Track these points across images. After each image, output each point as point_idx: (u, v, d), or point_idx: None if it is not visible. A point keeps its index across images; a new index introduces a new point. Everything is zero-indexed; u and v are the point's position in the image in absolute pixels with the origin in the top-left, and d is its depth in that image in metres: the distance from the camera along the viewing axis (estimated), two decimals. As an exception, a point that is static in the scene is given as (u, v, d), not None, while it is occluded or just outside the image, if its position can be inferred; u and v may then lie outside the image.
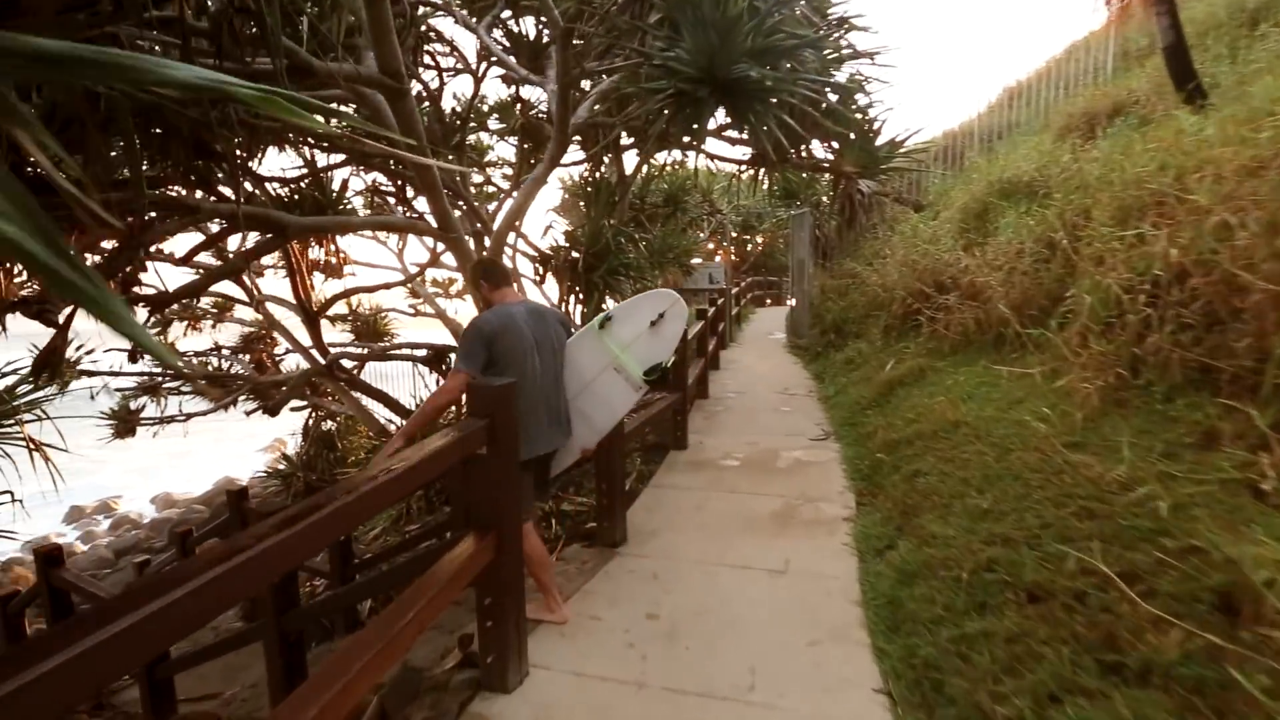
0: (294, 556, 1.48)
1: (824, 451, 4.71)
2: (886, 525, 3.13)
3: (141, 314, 3.35)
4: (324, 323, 11.02)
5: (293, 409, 9.69)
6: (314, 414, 9.86)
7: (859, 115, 5.66)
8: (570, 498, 4.45)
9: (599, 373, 2.66)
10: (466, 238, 4.07)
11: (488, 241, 4.79)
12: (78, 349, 6.96)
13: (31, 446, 5.18)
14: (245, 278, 8.21)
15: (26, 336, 6.14)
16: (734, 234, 19.69)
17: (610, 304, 6.71)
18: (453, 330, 8.36)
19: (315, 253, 7.25)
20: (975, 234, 5.58)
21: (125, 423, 8.65)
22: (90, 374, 7.06)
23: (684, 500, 3.89)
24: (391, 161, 4.63)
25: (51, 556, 3.98)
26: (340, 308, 11.00)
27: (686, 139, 6.71)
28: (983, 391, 3.71)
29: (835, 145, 6.39)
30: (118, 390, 8.15)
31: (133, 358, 6.06)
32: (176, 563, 4.67)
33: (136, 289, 4.10)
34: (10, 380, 5.21)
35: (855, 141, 5.68)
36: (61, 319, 3.64)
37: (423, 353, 5.46)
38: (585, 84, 4.98)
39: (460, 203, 4.90)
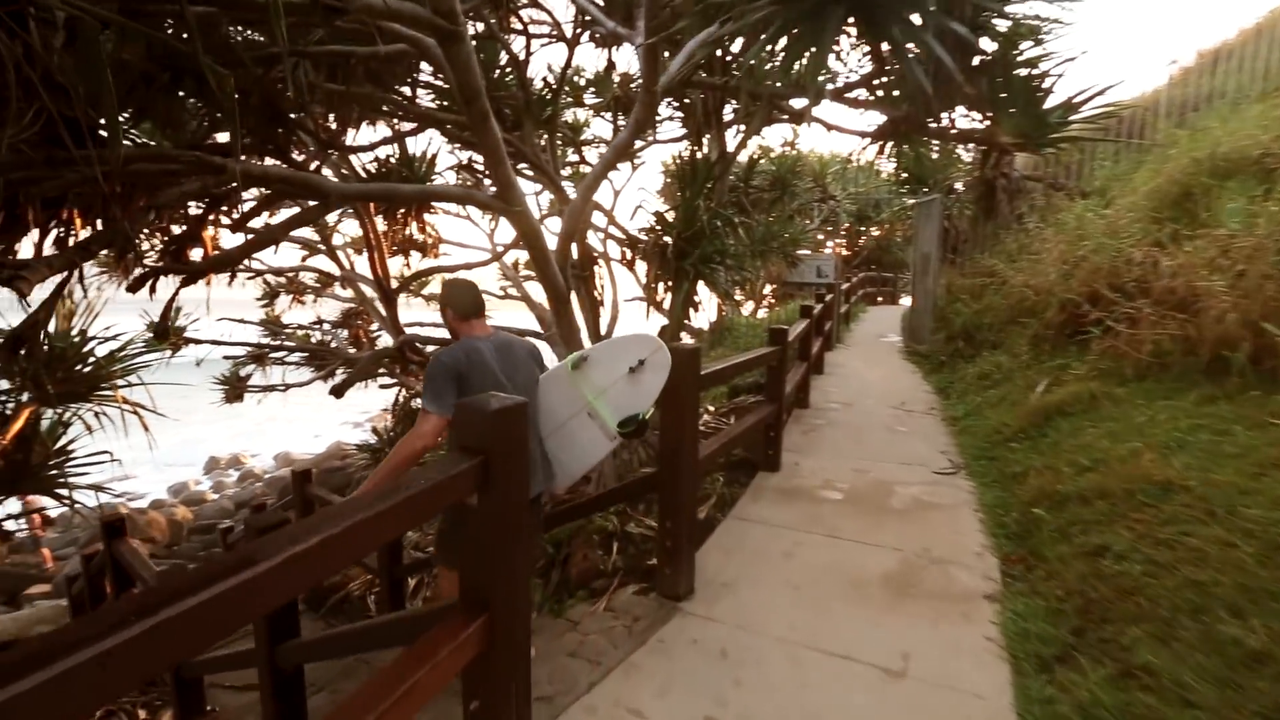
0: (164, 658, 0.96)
1: (953, 491, 3.77)
2: (1054, 621, 2.24)
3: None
4: (419, 302, 11.24)
5: (383, 386, 9.84)
6: (403, 391, 9.97)
7: (1025, 71, 4.51)
8: (639, 517, 3.85)
9: (571, 416, 2.41)
10: (533, 211, 3.52)
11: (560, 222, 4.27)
12: (185, 316, 7.27)
13: (130, 408, 5.32)
14: (341, 254, 8.30)
15: (136, 304, 6.42)
16: (847, 224, 18.16)
17: (703, 293, 6.03)
18: (537, 316, 8.00)
19: (392, 231, 7.10)
20: (1176, 224, 4.31)
21: (235, 389, 9.09)
22: (197, 341, 7.36)
23: (771, 542, 3.15)
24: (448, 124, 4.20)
25: (114, 527, 3.95)
26: (436, 287, 11.15)
27: (799, 103, 5.86)
28: (1203, 441, 2.67)
29: (985, 115, 5.26)
30: (226, 358, 8.49)
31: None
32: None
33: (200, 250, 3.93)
34: (112, 346, 5.37)
35: (1015, 105, 4.54)
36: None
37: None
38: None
39: (519, 166, 4.39)
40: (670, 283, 5.60)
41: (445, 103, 4.90)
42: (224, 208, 3.83)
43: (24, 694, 0.71)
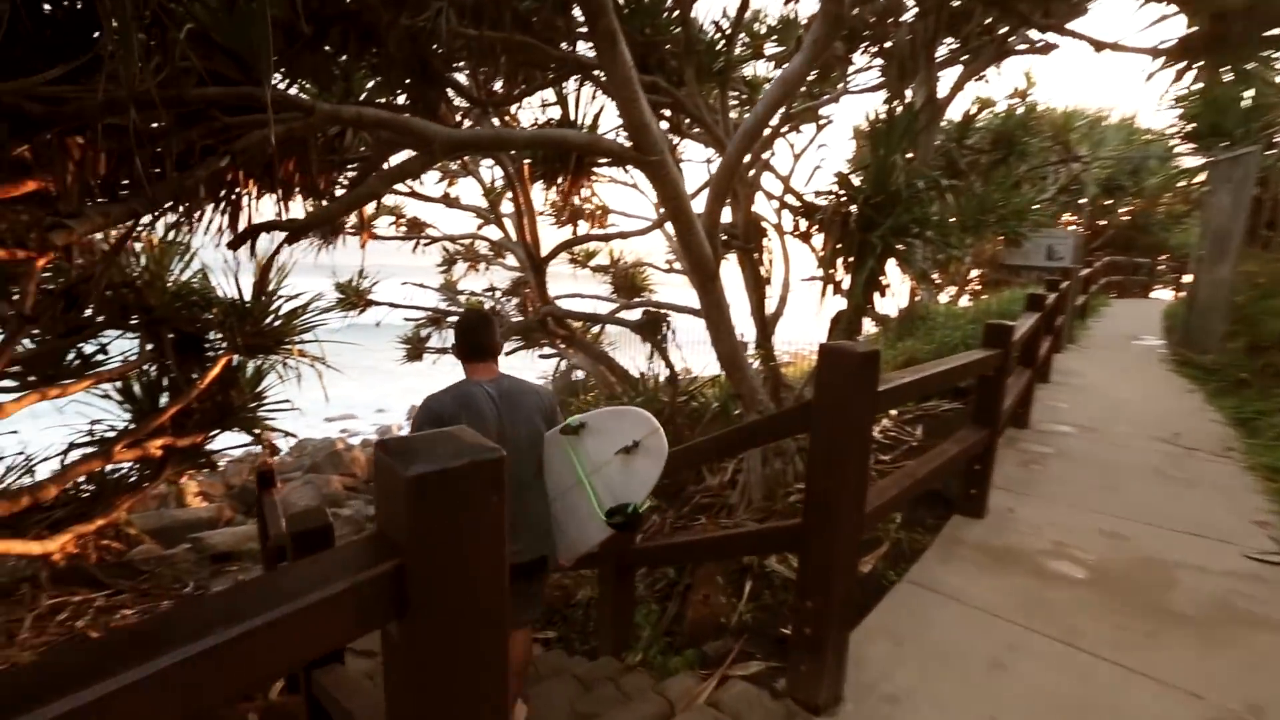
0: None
1: (1286, 592, 2.41)
2: None
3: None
4: (586, 273, 11.18)
5: (542, 356, 9.94)
6: (563, 362, 9.99)
7: None
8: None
9: (569, 487, 2.14)
10: (674, 163, 2.82)
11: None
12: (367, 279, 7.81)
13: (309, 361, 5.72)
14: (509, 223, 8.33)
15: (325, 268, 6.94)
16: (1092, 195, 14.75)
17: (893, 274, 4.90)
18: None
19: (559, 200, 6.83)
20: None
21: (415, 349, 9.76)
22: (378, 303, 7.89)
23: (969, 634, 2.18)
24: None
25: (265, 477, 4.13)
26: (604, 258, 11.00)
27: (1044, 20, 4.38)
28: None
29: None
30: (407, 320, 9.07)
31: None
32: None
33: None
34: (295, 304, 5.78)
35: None
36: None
37: (636, 315, 4.47)
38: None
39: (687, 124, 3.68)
40: (852, 259, 4.57)
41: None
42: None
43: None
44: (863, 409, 1.75)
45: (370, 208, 8.29)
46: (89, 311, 4.83)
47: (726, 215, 5.64)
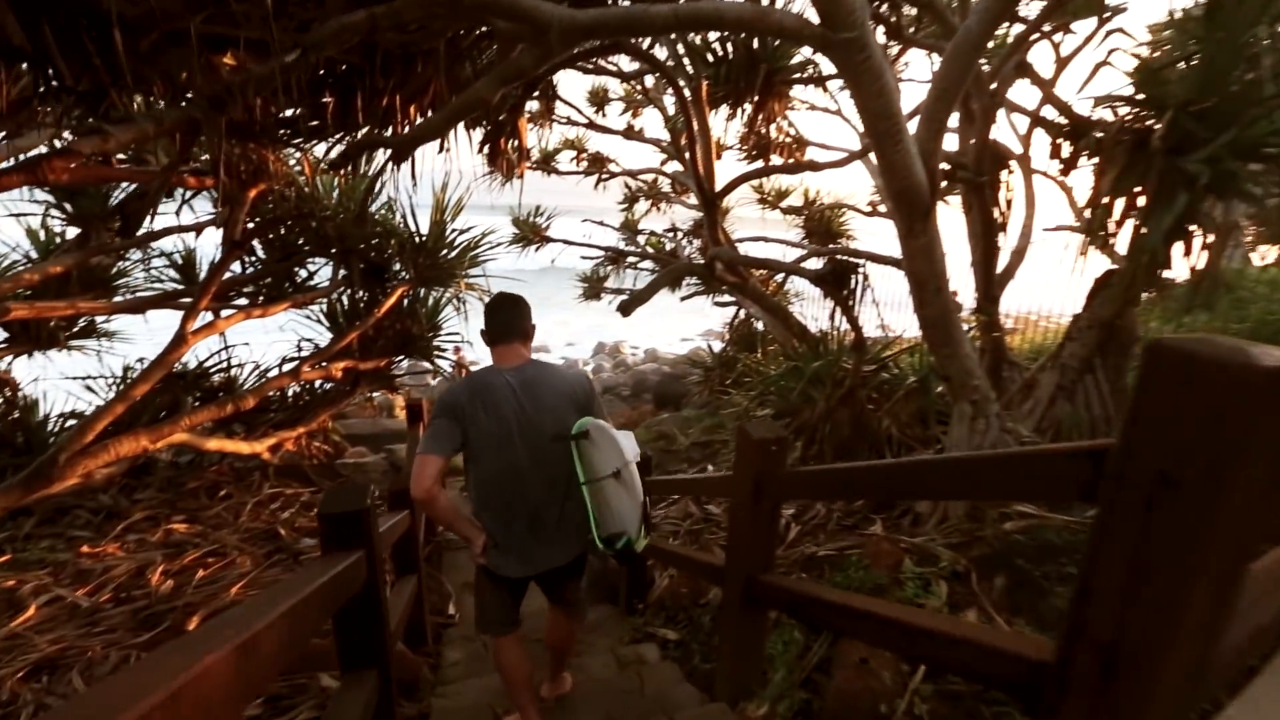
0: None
1: None
2: None
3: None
4: (777, 216, 10.14)
5: (718, 303, 9.27)
6: (742, 310, 9.25)
7: None
8: (984, 602, 2.18)
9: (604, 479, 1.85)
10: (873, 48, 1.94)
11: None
12: (544, 215, 7.74)
13: (478, 294, 5.79)
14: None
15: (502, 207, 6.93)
16: None
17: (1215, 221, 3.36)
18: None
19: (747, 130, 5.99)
20: None
21: (593, 287, 9.72)
22: (554, 240, 7.83)
23: None
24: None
25: (414, 410, 4.19)
26: (798, 198, 9.85)
27: None
28: None
29: None
30: (585, 258, 8.97)
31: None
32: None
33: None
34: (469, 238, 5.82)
35: None
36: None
37: (818, 265, 3.63)
38: None
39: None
40: (1147, 198, 3.18)
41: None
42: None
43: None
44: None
45: (551, 142, 8.17)
46: (300, 241, 5.29)
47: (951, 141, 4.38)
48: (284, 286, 5.37)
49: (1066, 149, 4.38)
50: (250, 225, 4.50)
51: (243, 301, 5.33)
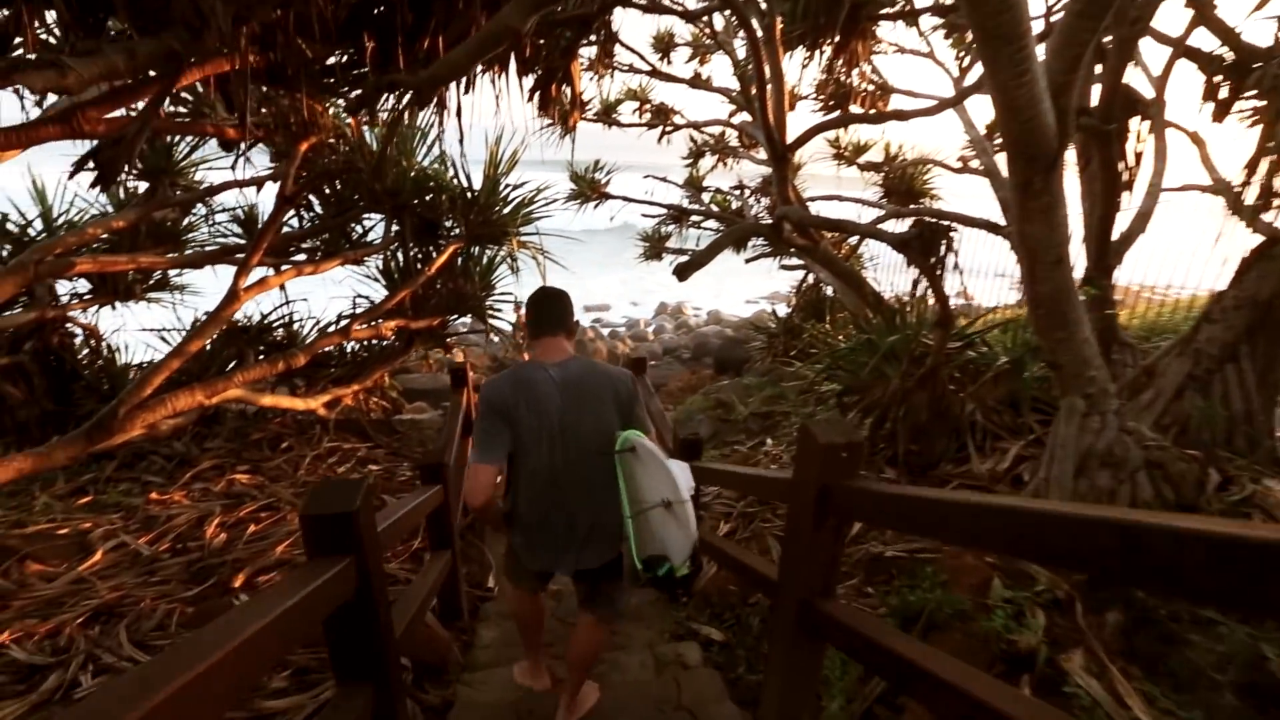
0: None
1: None
2: None
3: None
4: (853, 174, 9.37)
5: (785, 267, 8.74)
6: (809, 275, 8.69)
7: None
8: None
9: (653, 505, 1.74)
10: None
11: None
12: (604, 170, 7.38)
13: (530, 253, 5.58)
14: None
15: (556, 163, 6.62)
16: None
17: None
18: (1002, 203, 5.39)
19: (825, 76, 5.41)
20: None
21: (655, 247, 9.36)
22: (613, 196, 7.48)
23: None
24: None
25: (457, 375, 4.05)
26: (877, 153, 9.05)
27: None
28: None
29: None
30: (646, 216, 8.60)
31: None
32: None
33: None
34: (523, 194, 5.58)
35: None
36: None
37: (904, 226, 3.18)
38: None
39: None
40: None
41: None
42: None
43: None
44: None
45: (612, 92, 7.73)
46: (354, 196, 5.20)
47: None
48: (340, 243, 5.33)
49: (1223, 89, 3.66)
50: (303, 180, 4.41)
51: (300, 257, 5.34)
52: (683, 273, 3.53)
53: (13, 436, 5.15)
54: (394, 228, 5.15)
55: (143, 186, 4.94)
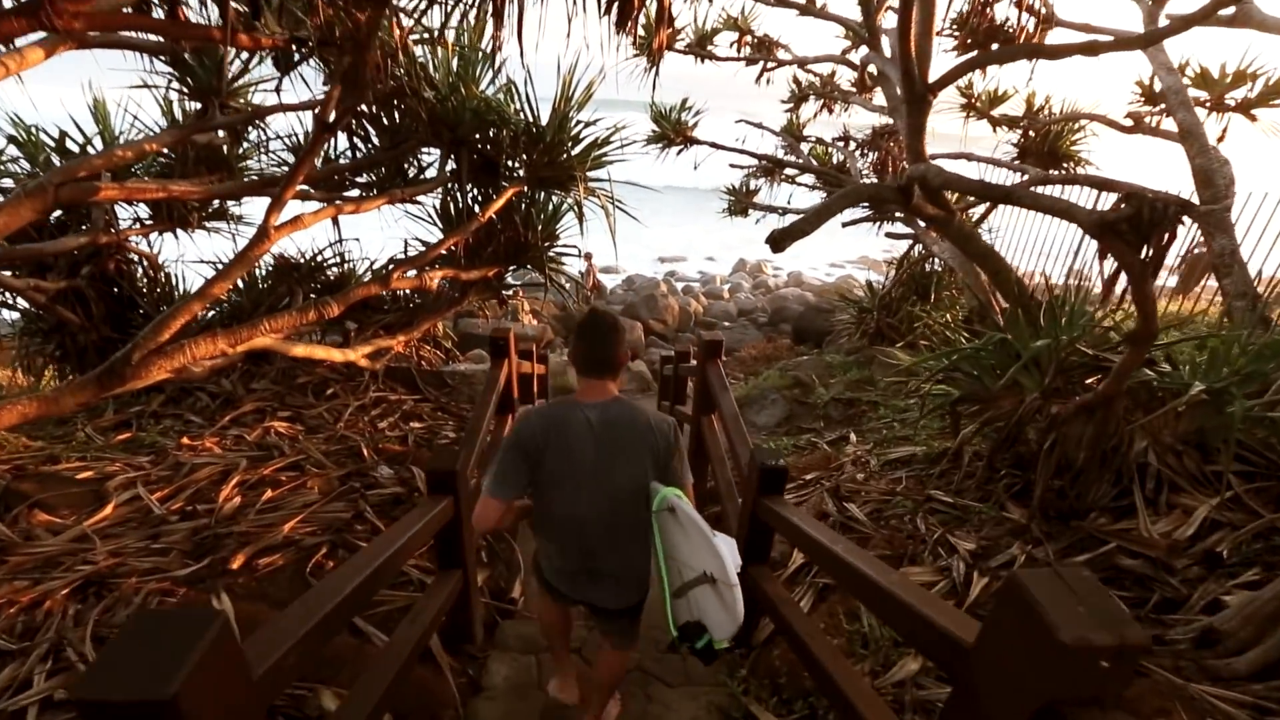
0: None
1: None
2: None
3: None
4: (986, 127, 8.00)
5: (890, 235, 7.67)
6: (918, 246, 7.58)
7: None
8: None
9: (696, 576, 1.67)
10: None
11: None
12: (691, 111, 6.50)
13: (599, 201, 4.93)
14: (884, 41, 5.93)
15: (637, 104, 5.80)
16: None
17: None
18: (1198, 174, 4.21)
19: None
20: None
21: (740, 202, 8.46)
22: (700, 142, 6.61)
23: None
24: None
25: (498, 345, 3.52)
26: (1015, 105, 7.65)
27: None
28: None
29: None
30: (734, 166, 7.70)
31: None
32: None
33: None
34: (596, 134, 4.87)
35: None
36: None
37: (1088, 193, 2.31)
38: None
39: None
40: None
41: None
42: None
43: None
44: None
45: (708, 19, 6.75)
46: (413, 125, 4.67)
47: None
48: (395, 180, 4.86)
49: None
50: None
51: (354, 193, 4.92)
52: (779, 242, 2.79)
53: (74, 361, 5.13)
54: (450, 165, 4.60)
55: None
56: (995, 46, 5.93)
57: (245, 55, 4.40)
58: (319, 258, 5.39)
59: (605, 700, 2.15)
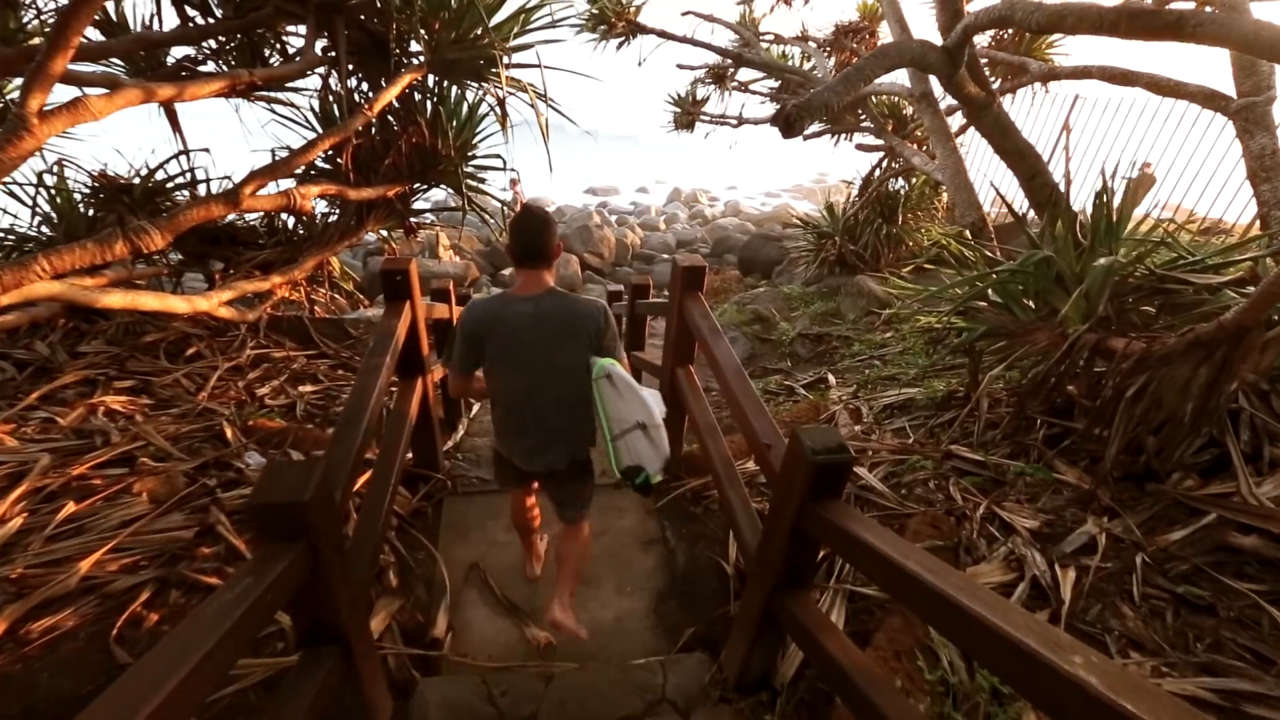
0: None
1: None
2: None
3: None
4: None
5: (861, 147, 6.92)
6: (887, 161, 6.88)
7: None
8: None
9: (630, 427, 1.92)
10: None
11: None
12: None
13: (529, 96, 3.87)
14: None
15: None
16: None
17: None
18: (1237, 60, 3.61)
19: None
20: None
21: (687, 114, 7.45)
22: (647, 30, 5.51)
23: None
24: None
25: (392, 280, 2.56)
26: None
27: None
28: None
29: None
30: (682, 67, 6.65)
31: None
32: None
33: None
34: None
35: None
36: None
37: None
38: None
39: None
40: None
41: None
42: None
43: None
44: None
45: None
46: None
47: None
48: (249, 62, 3.62)
49: None
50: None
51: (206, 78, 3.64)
52: (792, 121, 1.95)
53: None
54: (323, 43, 3.42)
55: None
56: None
57: None
58: (159, 176, 4.12)
59: (571, 580, 2.22)
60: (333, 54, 3.38)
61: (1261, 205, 3.45)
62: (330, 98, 3.80)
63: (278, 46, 3.74)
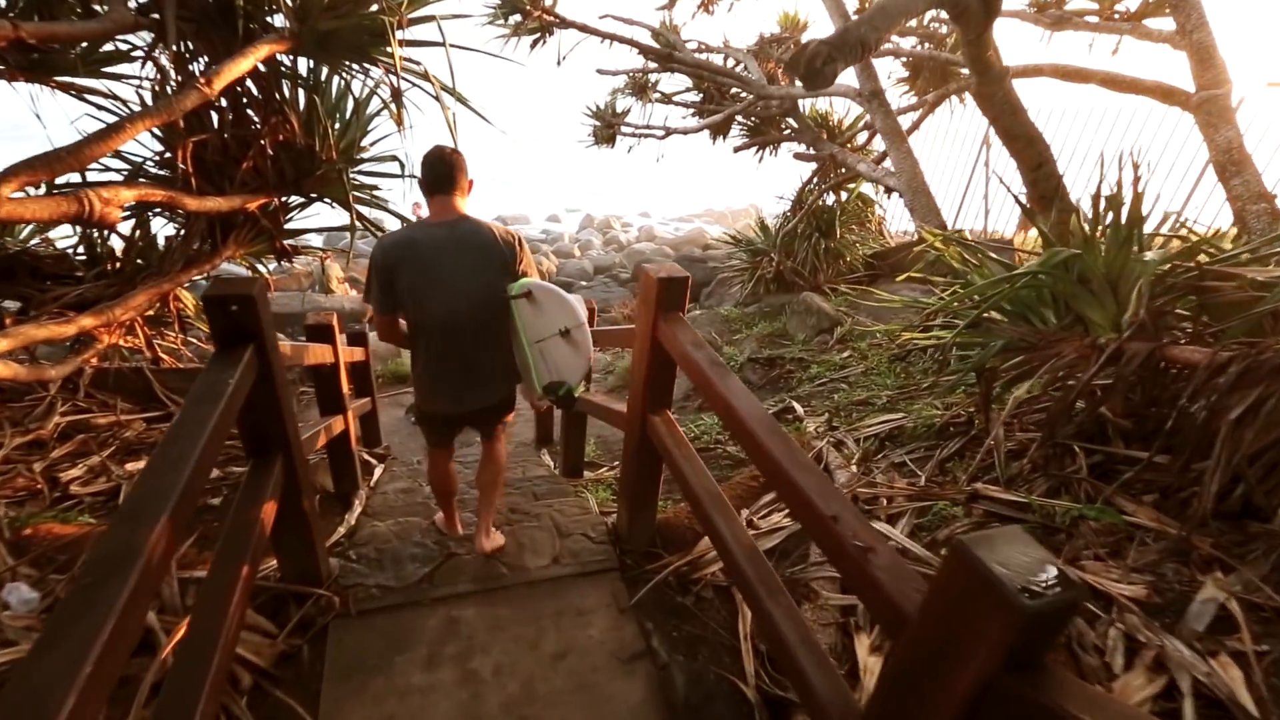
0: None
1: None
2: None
3: None
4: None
5: (798, 156, 6.63)
6: (827, 171, 6.61)
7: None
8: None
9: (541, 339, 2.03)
10: None
11: None
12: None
13: (434, 89, 3.13)
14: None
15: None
16: None
17: None
18: (1194, 51, 3.48)
19: None
20: None
21: (608, 126, 6.91)
22: (568, 25, 4.92)
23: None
24: None
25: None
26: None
27: None
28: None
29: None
30: (602, 72, 6.11)
31: None
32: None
33: None
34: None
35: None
36: None
37: None
38: None
39: None
40: None
41: None
42: None
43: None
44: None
45: None
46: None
47: None
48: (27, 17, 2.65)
49: None
50: None
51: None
52: (823, 64, 1.38)
53: None
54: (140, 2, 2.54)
55: None
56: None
57: None
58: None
59: (491, 504, 2.32)
60: (154, 15, 2.51)
61: (1234, 200, 3.28)
62: (168, 84, 2.89)
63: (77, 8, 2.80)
